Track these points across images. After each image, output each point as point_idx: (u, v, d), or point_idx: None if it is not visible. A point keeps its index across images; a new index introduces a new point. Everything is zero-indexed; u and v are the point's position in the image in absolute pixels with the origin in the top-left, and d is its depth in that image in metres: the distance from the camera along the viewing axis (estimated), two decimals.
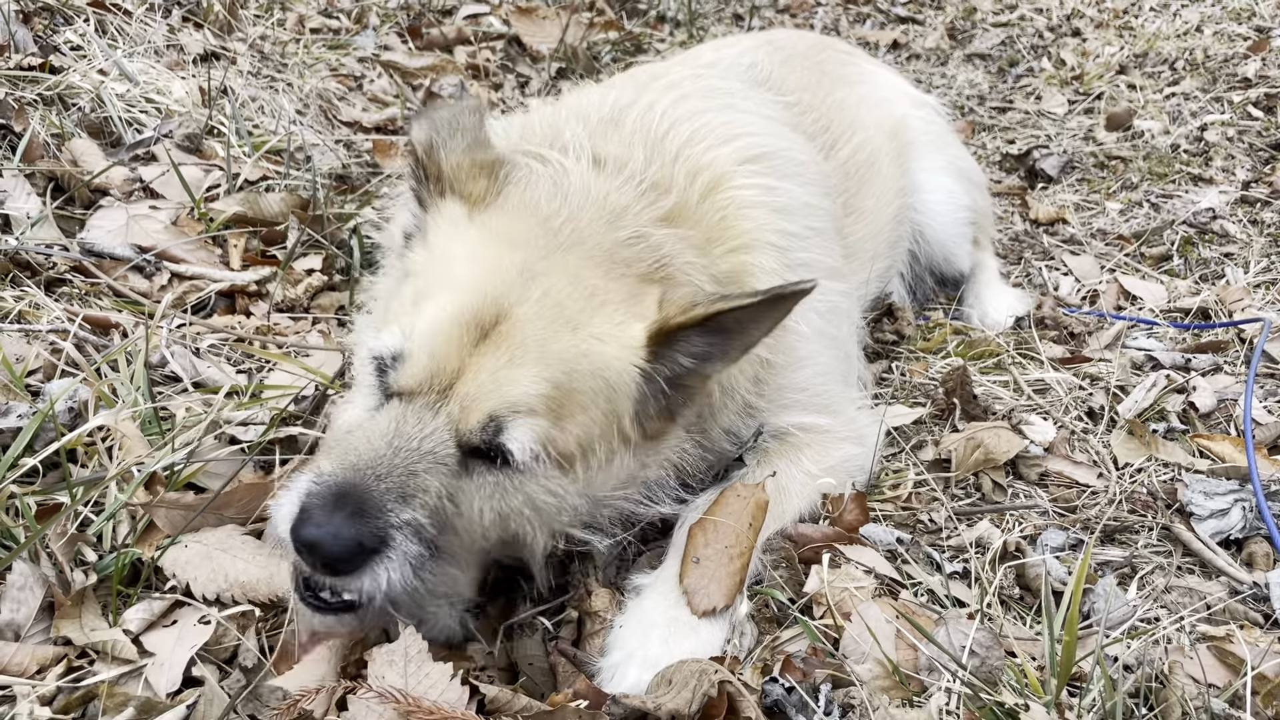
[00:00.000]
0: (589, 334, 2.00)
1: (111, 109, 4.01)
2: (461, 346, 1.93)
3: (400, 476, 1.87)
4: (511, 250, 2.07)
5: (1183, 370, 3.38)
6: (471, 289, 1.99)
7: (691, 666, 1.95)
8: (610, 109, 2.67)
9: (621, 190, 2.34)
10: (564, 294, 2.01)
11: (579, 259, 2.09)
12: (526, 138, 2.56)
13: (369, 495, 1.84)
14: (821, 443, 2.59)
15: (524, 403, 1.92)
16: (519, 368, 1.92)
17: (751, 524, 2.28)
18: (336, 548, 1.79)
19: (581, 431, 2.01)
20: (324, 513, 1.81)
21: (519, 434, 1.92)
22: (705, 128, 2.64)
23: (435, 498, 1.90)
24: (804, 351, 2.56)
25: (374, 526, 1.82)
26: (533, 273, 2.02)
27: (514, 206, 2.21)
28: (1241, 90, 5.92)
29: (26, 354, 2.70)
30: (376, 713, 1.83)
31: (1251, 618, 2.29)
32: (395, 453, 1.89)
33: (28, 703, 1.86)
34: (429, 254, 2.17)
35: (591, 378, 2.00)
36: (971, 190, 4.01)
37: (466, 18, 6.97)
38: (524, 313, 1.96)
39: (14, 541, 2.14)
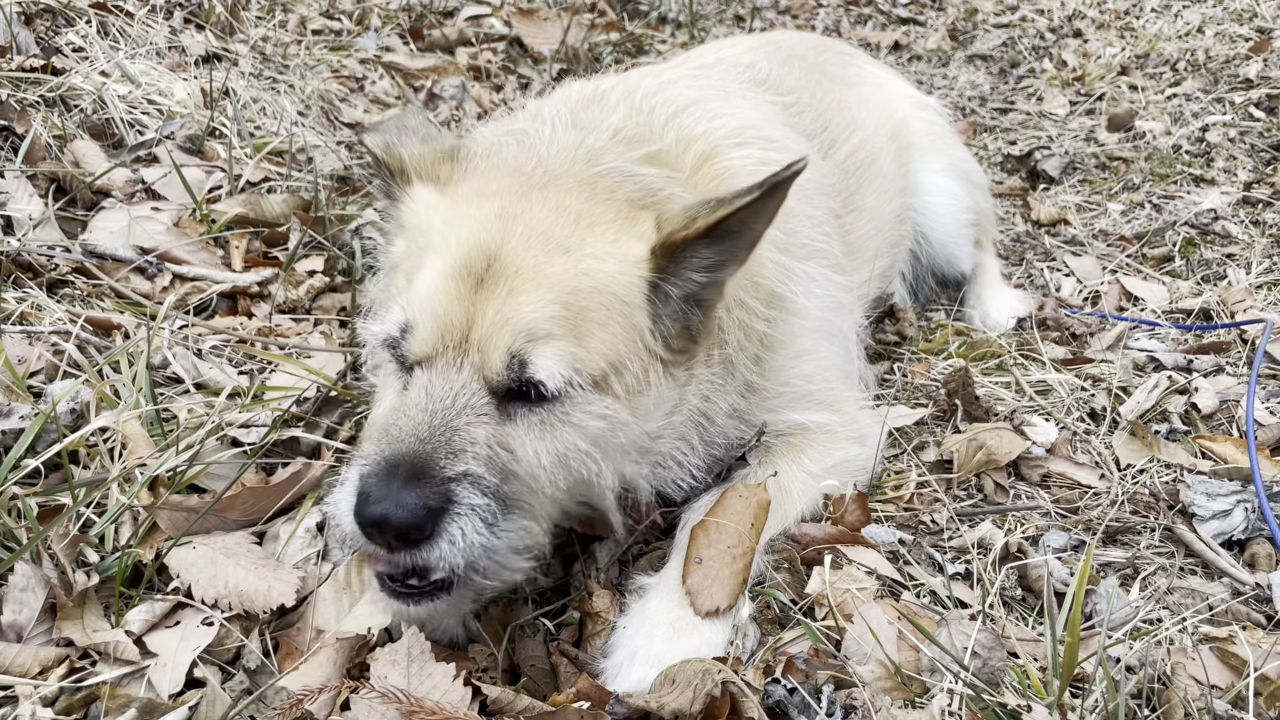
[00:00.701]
0: (583, 254, 2.00)
1: (113, 110, 4.01)
2: (461, 298, 1.93)
3: (443, 434, 1.86)
4: (485, 201, 2.08)
5: (1185, 371, 3.38)
6: (455, 245, 2.00)
7: (695, 666, 1.95)
8: (594, 90, 2.72)
9: (598, 139, 2.37)
10: (548, 223, 2.02)
11: (557, 192, 2.11)
12: (509, 128, 2.60)
13: (419, 459, 1.82)
14: (824, 442, 2.59)
15: (538, 328, 1.91)
16: (521, 296, 1.92)
17: (754, 524, 2.28)
18: (403, 515, 1.77)
19: (606, 348, 1.99)
20: (382, 487, 1.79)
21: (544, 362, 1.90)
22: (695, 104, 2.66)
23: (486, 447, 1.89)
24: (807, 343, 2.56)
25: (433, 485, 1.81)
26: (511, 214, 2.03)
27: (482, 171, 2.24)
28: (1243, 91, 5.92)
29: (29, 355, 2.70)
30: (379, 713, 1.83)
31: (1254, 619, 2.29)
32: (432, 415, 1.88)
33: (30, 704, 1.87)
34: (408, 238, 2.19)
35: (598, 294, 1.99)
36: (973, 192, 4.01)
37: (468, 19, 6.98)
38: (512, 248, 1.96)
39: (16, 543, 2.14)
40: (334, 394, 2.74)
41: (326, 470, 2.49)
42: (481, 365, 1.91)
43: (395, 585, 1.93)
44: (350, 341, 3.15)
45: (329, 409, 2.73)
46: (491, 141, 2.50)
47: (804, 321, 2.55)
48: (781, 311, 2.47)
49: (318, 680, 1.95)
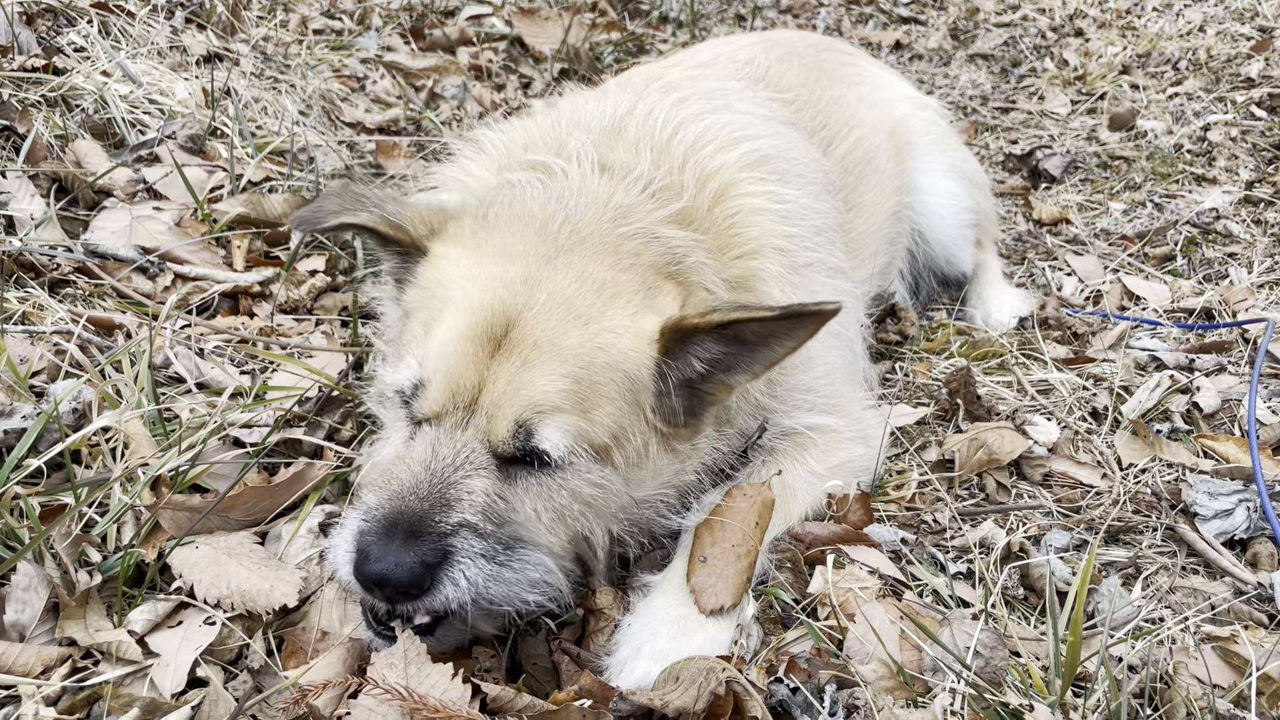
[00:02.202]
0: (602, 327, 2.01)
1: (115, 110, 4.01)
2: (477, 361, 1.95)
3: (440, 489, 1.91)
4: (510, 263, 2.07)
5: (1186, 370, 3.38)
6: (477, 305, 2.00)
7: (699, 664, 1.95)
8: (611, 117, 2.68)
9: (628, 191, 2.35)
10: (571, 291, 2.02)
11: (583, 256, 2.10)
12: (530, 148, 2.57)
13: (416, 516, 1.88)
14: (828, 443, 2.59)
15: (547, 401, 1.94)
16: (535, 369, 1.94)
17: (758, 523, 2.29)
18: (403, 574, 1.82)
19: (610, 421, 2.02)
20: (380, 546, 1.84)
21: (549, 433, 1.94)
22: (709, 131, 2.64)
23: (484, 496, 1.94)
24: (814, 350, 2.56)
25: (430, 542, 1.86)
26: (536, 278, 2.02)
27: (506, 221, 2.21)
28: (1244, 90, 5.91)
29: (31, 355, 2.70)
30: (381, 712, 1.84)
31: (1256, 618, 2.29)
32: (433, 474, 1.93)
33: (33, 703, 1.87)
34: (422, 290, 2.18)
35: (609, 369, 2.01)
36: (974, 192, 4.01)
37: (469, 19, 6.98)
38: (533, 316, 1.97)
39: (19, 542, 2.14)
40: (336, 393, 2.74)
41: (329, 470, 2.49)
42: (488, 430, 1.95)
43: (379, 629, 2.00)
44: (352, 341, 3.15)
45: (331, 409, 2.73)
46: (512, 181, 2.45)
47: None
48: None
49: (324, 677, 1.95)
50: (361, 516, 1.93)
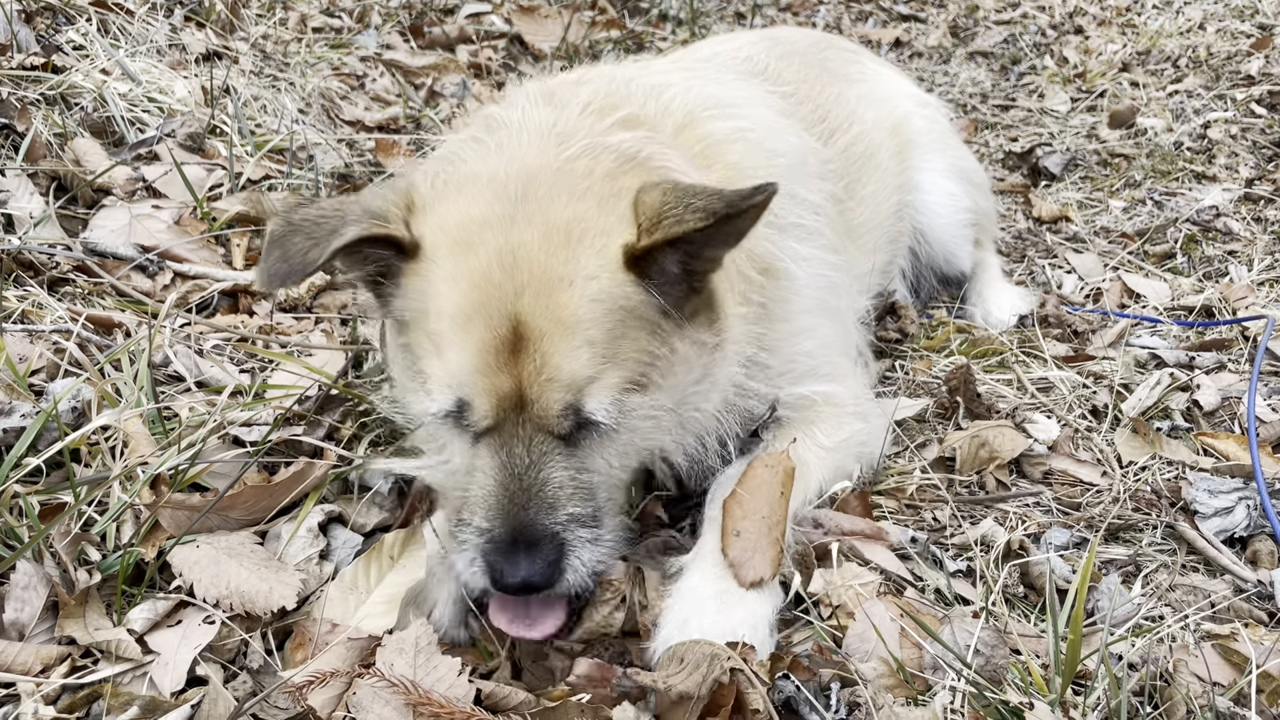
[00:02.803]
0: (584, 278, 2.01)
1: (114, 108, 4.01)
2: (504, 366, 1.98)
3: (537, 494, 2.02)
4: (478, 244, 2.04)
5: (1186, 368, 3.38)
6: (473, 313, 2.00)
7: (705, 648, 1.94)
8: (576, 76, 2.71)
9: (568, 114, 2.35)
10: (544, 257, 2.01)
11: (538, 203, 2.07)
12: (482, 113, 2.58)
13: (528, 527, 2.01)
14: (832, 416, 2.61)
15: (580, 375, 1.99)
16: (554, 356, 1.97)
17: (783, 493, 2.31)
18: (538, 579, 1.99)
19: (636, 352, 2.07)
20: (511, 564, 1.98)
21: (594, 404, 2.01)
22: (675, 84, 2.65)
23: (571, 484, 2.05)
24: (805, 321, 2.58)
25: (550, 544, 2.01)
26: (510, 255, 2.01)
27: (457, 188, 2.17)
28: (1244, 88, 5.91)
29: (30, 353, 2.70)
30: (384, 699, 1.84)
31: (1256, 616, 2.29)
32: (519, 479, 2.02)
33: (32, 701, 1.87)
34: (410, 297, 2.13)
35: (610, 312, 2.03)
36: (973, 192, 4.01)
37: (468, 16, 6.97)
38: (526, 306, 1.98)
39: (18, 541, 2.14)
40: (335, 392, 2.74)
41: (329, 469, 2.49)
42: (543, 421, 2.02)
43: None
44: (351, 339, 3.15)
45: (330, 407, 2.73)
46: (459, 140, 2.45)
47: (800, 299, 2.56)
48: (776, 283, 2.48)
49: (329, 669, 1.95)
50: (478, 539, 2.03)
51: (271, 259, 2.00)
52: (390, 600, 2.16)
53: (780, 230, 2.52)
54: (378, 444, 2.69)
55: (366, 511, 2.49)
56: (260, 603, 2.11)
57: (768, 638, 2.13)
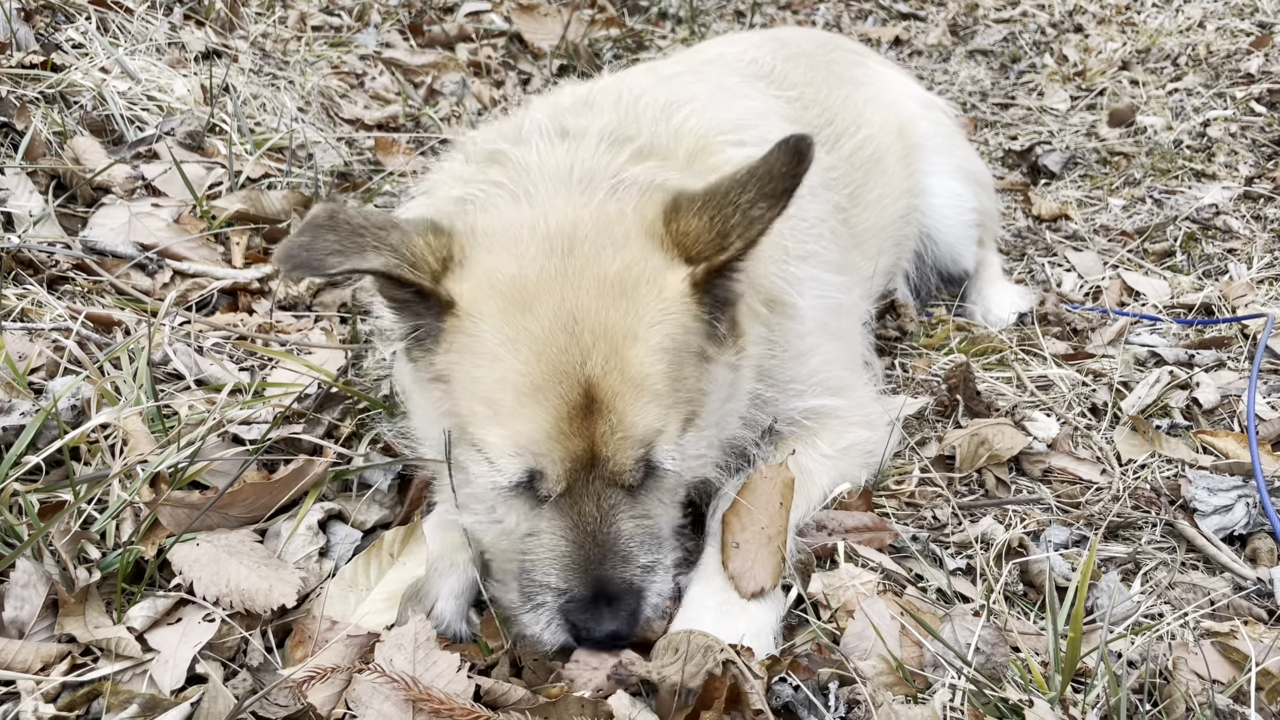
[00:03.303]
0: (647, 328, 2.00)
1: (113, 107, 4.01)
2: (578, 431, 1.96)
3: (611, 549, 2.05)
4: (534, 305, 1.98)
5: (1186, 366, 3.38)
6: (539, 376, 1.95)
7: (699, 640, 1.95)
8: (585, 93, 2.67)
9: (584, 151, 2.32)
10: (605, 314, 1.98)
11: (585, 259, 2.03)
12: (492, 138, 2.53)
13: (607, 581, 2.05)
14: (835, 427, 2.61)
15: (651, 429, 2.00)
16: (629, 415, 1.97)
17: (782, 503, 2.32)
18: (624, 631, 2.06)
19: (689, 391, 2.09)
20: (596, 621, 2.04)
21: (663, 452, 2.03)
22: (688, 101, 2.62)
23: (640, 532, 2.09)
24: (809, 344, 2.57)
25: (627, 595, 2.06)
26: (569, 315, 1.97)
27: (497, 238, 2.10)
28: (1244, 86, 5.91)
29: (29, 352, 2.70)
30: (384, 695, 1.84)
31: (1255, 613, 2.29)
32: (592, 536, 2.04)
33: (32, 699, 1.87)
34: (455, 354, 2.05)
35: (671, 354, 2.03)
36: (979, 193, 4.00)
37: (468, 15, 6.97)
38: (597, 368, 1.95)
39: (17, 539, 2.14)
40: (335, 390, 2.74)
41: (328, 467, 2.49)
42: (614, 476, 2.02)
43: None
44: (351, 338, 3.15)
45: (330, 405, 2.73)
46: (468, 178, 2.38)
47: (802, 325, 2.55)
48: (782, 308, 2.48)
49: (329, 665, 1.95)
50: (558, 599, 2.06)
51: (299, 241, 1.91)
52: (390, 597, 2.16)
53: (784, 259, 2.50)
54: (377, 443, 2.69)
55: (366, 509, 2.49)
56: (260, 600, 2.10)
57: (770, 645, 2.14)
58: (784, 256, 2.50)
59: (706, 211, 2.03)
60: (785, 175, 1.95)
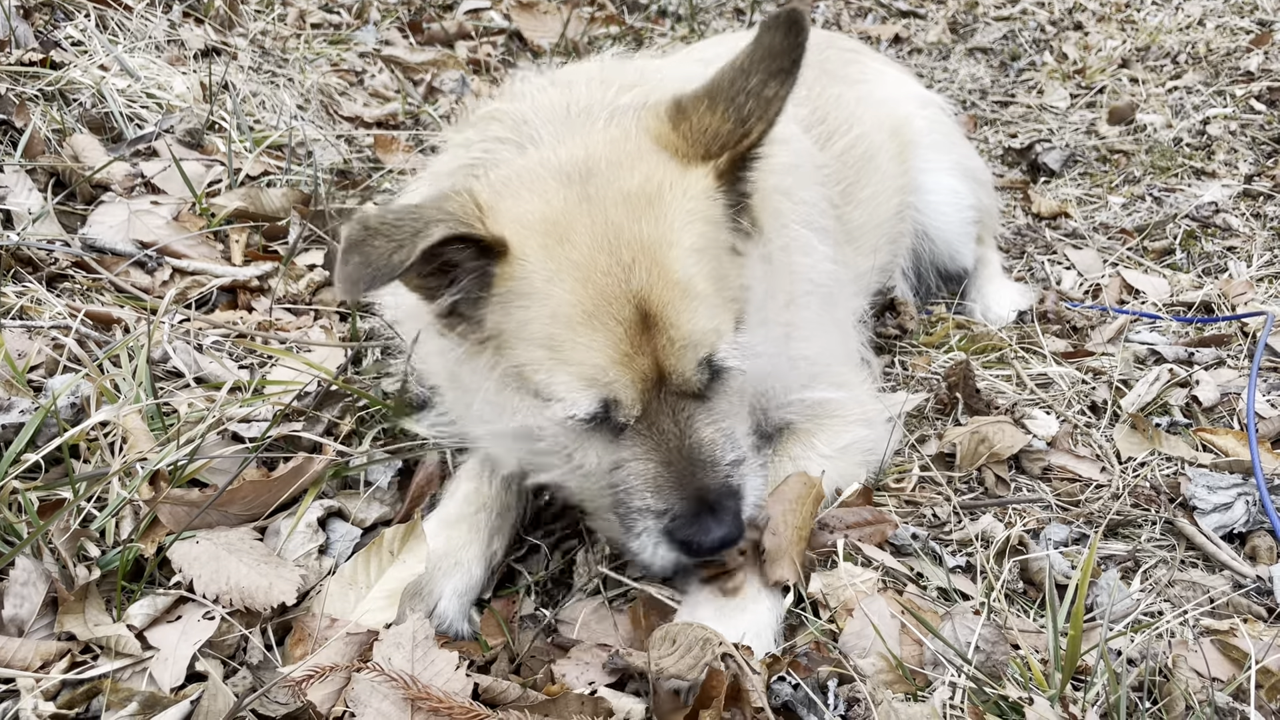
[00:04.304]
0: (680, 232, 2.02)
1: (112, 104, 4.00)
2: (642, 351, 1.98)
3: (699, 458, 2.06)
4: (569, 236, 1.99)
5: (1186, 364, 3.38)
6: (592, 302, 1.95)
7: (696, 632, 1.95)
8: (574, 67, 2.77)
9: (576, 94, 2.37)
10: (638, 228, 2.00)
11: (606, 180, 2.05)
12: (488, 111, 2.53)
13: (705, 490, 2.06)
14: (834, 426, 2.62)
15: (708, 329, 2.02)
16: (683, 319, 1.99)
17: (813, 511, 2.39)
18: (733, 534, 2.07)
19: (735, 289, 2.12)
20: (703, 531, 2.05)
21: (725, 351, 2.06)
22: (683, 73, 2.64)
23: (719, 436, 2.10)
24: (806, 330, 2.59)
25: (730, 500, 2.08)
26: (605, 238, 1.98)
27: (515, 183, 2.11)
28: (1244, 84, 5.91)
29: (29, 350, 2.70)
30: (382, 694, 1.84)
31: (1255, 611, 2.29)
32: (677, 451, 2.06)
33: (31, 697, 1.87)
34: (502, 305, 2.04)
35: (709, 258, 2.05)
36: (977, 190, 4.00)
37: (467, 12, 6.96)
38: (643, 281, 1.97)
39: (17, 537, 2.14)
40: (334, 388, 2.73)
41: (327, 465, 2.49)
42: (683, 385, 2.04)
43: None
44: (350, 336, 3.15)
45: (329, 403, 2.73)
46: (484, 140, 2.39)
47: (803, 316, 2.55)
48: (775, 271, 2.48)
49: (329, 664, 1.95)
50: (660, 520, 2.08)
51: (352, 264, 1.85)
52: (390, 595, 2.16)
53: (781, 226, 2.51)
54: (378, 440, 2.69)
55: (367, 506, 2.50)
56: (260, 599, 2.10)
57: (770, 644, 2.14)
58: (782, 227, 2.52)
59: (717, 106, 2.05)
60: (787, 49, 1.98)
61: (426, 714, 1.82)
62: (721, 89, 2.05)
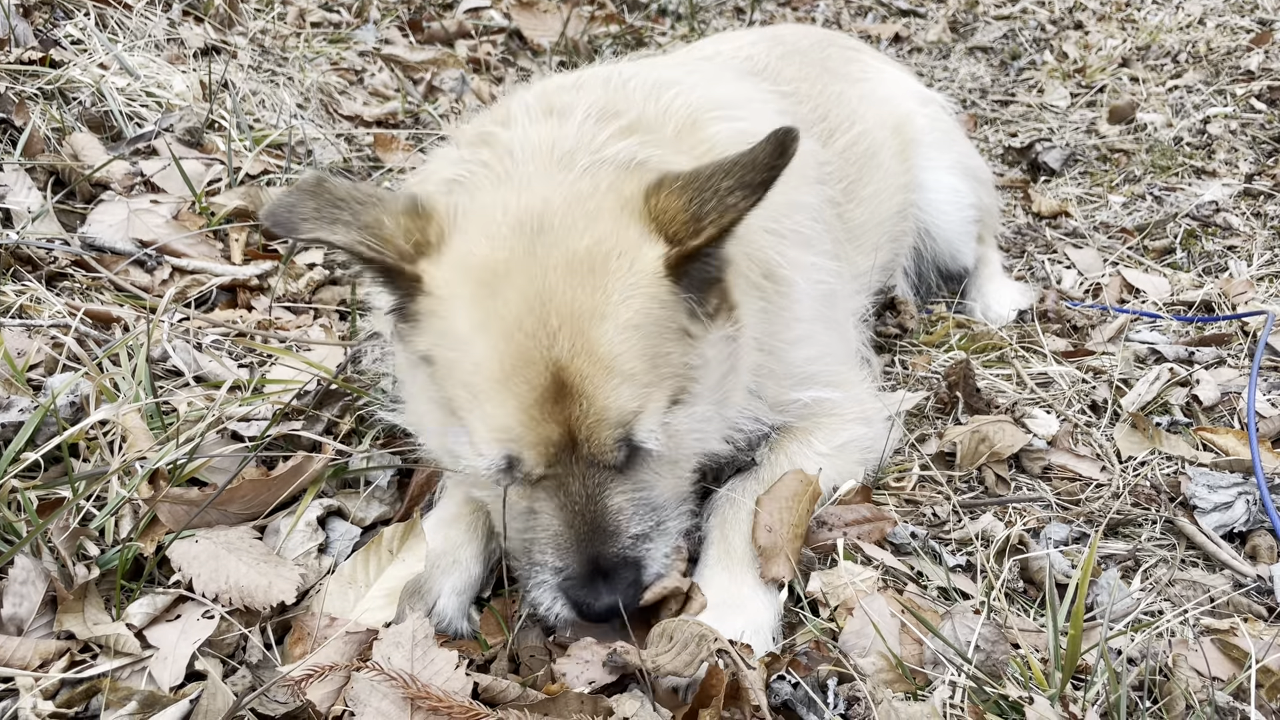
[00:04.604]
0: (618, 305, 1.97)
1: (112, 103, 4.00)
2: (551, 416, 1.95)
3: (601, 525, 2.05)
4: (503, 287, 1.97)
5: (1186, 363, 3.38)
6: (511, 366, 1.94)
7: (693, 628, 1.95)
8: (575, 77, 2.67)
9: (567, 128, 2.29)
10: (572, 296, 1.95)
11: (555, 238, 2.00)
12: (481, 130, 2.51)
13: (600, 557, 2.05)
14: (831, 424, 2.60)
15: (628, 409, 1.97)
16: (600, 397, 1.94)
17: (809, 509, 2.38)
18: (627, 601, 2.06)
19: (673, 368, 2.06)
20: (593, 595, 2.05)
21: (645, 432, 2.00)
22: (676, 82, 2.61)
23: (629, 506, 2.08)
24: (803, 329, 2.56)
25: (623, 568, 2.07)
26: (538, 297, 1.94)
27: (474, 222, 2.08)
28: (1244, 83, 5.91)
29: (28, 348, 2.70)
30: (382, 693, 1.84)
31: (1255, 610, 2.29)
32: (581, 515, 2.04)
33: (30, 696, 1.86)
34: (434, 336, 2.06)
35: (647, 335, 1.99)
36: (978, 189, 3.99)
37: (467, 11, 6.96)
38: (564, 350, 1.93)
39: (16, 536, 2.14)
40: (334, 387, 2.73)
41: (327, 464, 2.48)
42: (596, 457, 2.01)
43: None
44: (350, 334, 3.15)
45: (329, 402, 2.73)
46: (464, 158, 2.36)
47: (799, 306, 2.54)
48: (778, 286, 2.47)
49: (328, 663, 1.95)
50: (556, 577, 2.09)
51: (284, 201, 1.99)
52: (389, 593, 2.16)
53: (779, 236, 2.50)
54: (378, 440, 2.69)
55: (366, 505, 2.49)
56: (260, 598, 2.10)
57: (769, 642, 2.14)
58: (780, 237, 2.50)
59: (686, 192, 2.00)
60: (766, 166, 1.93)
61: (426, 713, 1.82)
62: (699, 178, 2.00)
